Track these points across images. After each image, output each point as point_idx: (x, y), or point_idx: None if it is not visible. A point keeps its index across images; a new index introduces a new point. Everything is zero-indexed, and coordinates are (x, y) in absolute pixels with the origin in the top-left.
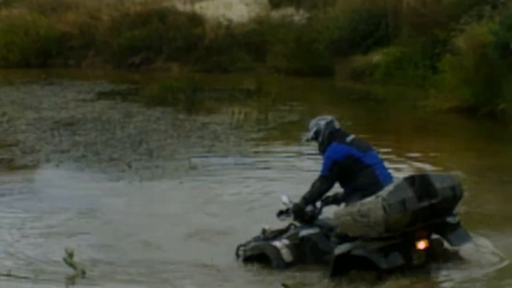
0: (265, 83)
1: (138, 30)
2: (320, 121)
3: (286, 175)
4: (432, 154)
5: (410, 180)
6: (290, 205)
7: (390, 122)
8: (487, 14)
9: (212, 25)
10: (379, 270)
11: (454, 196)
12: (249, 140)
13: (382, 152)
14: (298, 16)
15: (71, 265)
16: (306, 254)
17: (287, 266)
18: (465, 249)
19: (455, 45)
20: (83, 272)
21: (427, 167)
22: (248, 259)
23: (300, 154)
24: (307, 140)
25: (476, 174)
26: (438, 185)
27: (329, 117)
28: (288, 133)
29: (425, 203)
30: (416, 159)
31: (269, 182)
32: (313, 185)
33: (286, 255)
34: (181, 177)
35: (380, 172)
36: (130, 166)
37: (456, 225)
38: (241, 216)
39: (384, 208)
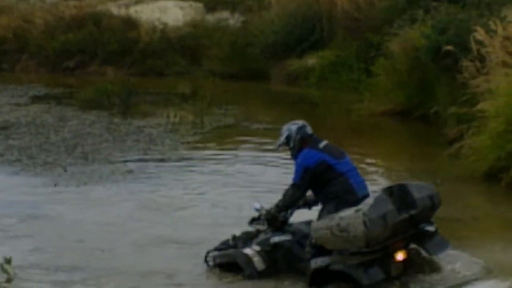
0: (201, 86)
1: (73, 33)
2: (292, 126)
3: (222, 178)
4: (366, 157)
5: (389, 191)
6: (263, 212)
7: (324, 125)
8: (420, 18)
9: (147, 29)
10: (359, 285)
11: (433, 206)
12: (184, 143)
13: None
14: (233, 20)
15: (5, 271)
16: (278, 261)
17: (259, 274)
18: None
19: (388, 49)
20: (8, 280)
21: (362, 170)
22: (218, 266)
23: (236, 156)
24: (279, 146)
25: (409, 176)
26: (416, 195)
27: (300, 122)
28: (224, 136)
29: (405, 215)
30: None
31: (206, 185)
32: (286, 194)
33: (258, 263)
34: (118, 181)
35: (354, 180)
36: (65, 170)
37: (434, 233)
38: (183, 220)
39: (364, 223)
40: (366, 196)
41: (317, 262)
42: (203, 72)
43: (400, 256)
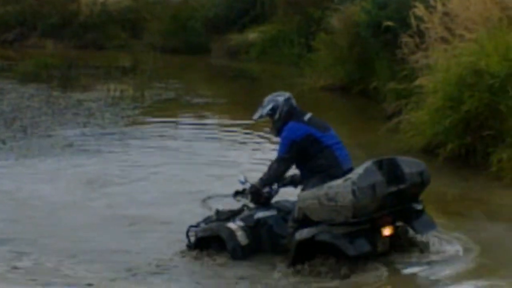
0: (141, 60)
1: (12, 6)
2: (278, 97)
3: (163, 152)
4: None
5: (378, 163)
6: (247, 186)
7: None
8: None
9: (87, 2)
10: (344, 256)
11: (422, 182)
12: (125, 117)
13: (257, 129)
14: None
15: None
16: (262, 237)
17: (242, 249)
18: None
19: (329, 24)
20: None
21: None
22: (200, 241)
23: (176, 130)
24: (261, 117)
25: (348, 150)
26: (406, 169)
27: (287, 94)
28: (164, 110)
29: (393, 188)
30: None
31: (147, 159)
32: (270, 167)
33: (241, 237)
34: (57, 154)
35: (340, 153)
36: (4, 143)
37: (421, 212)
38: (126, 195)
39: (353, 192)
40: (350, 169)
41: (302, 234)
42: (143, 46)
43: (387, 231)
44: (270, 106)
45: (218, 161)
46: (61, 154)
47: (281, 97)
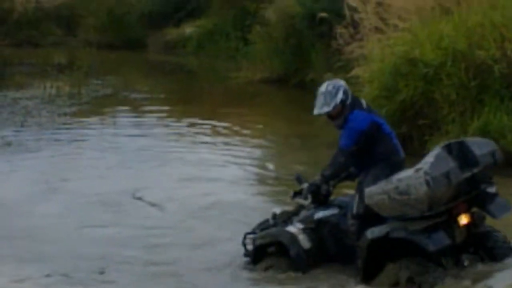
0: (77, 57)
1: None
2: (340, 83)
3: (101, 149)
4: (244, 124)
5: (447, 148)
6: (304, 185)
7: (203, 94)
8: None
9: None
10: (425, 254)
11: (495, 163)
12: (62, 114)
13: (196, 123)
14: None
15: None
16: (325, 239)
17: (306, 253)
18: None
19: (264, 16)
20: None
21: (241, 136)
22: (258, 249)
23: (115, 125)
24: (334, 107)
25: (284, 142)
26: (477, 151)
27: (340, 80)
28: (102, 106)
29: (467, 173)
30: (229, 129)
31: (86, 157)
32: (335, 161)
33: (304, 241)
34: None
35: (396, 141)
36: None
37: (495, 195)
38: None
39: (427, 183)
40: (404, 159)
41: (374, 232)
42: (79, 42)
43: (463, 220)
44: (340, 93)
45: (159, 156)
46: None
47: (341, 81)
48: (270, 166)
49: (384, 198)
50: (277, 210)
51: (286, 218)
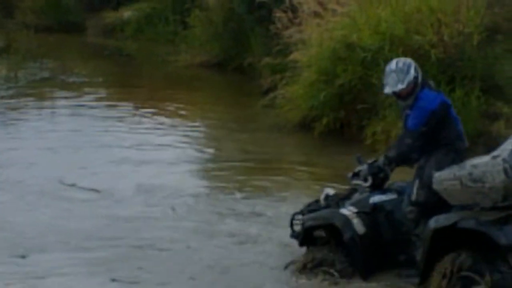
0: (14, 40)
1: None
2: (408, 59)
3: (39, 134)
4: (183, 107)
5: None
6: (364, 167)
7: (142, 77)
8: None
9: None
10: (497, 247)
11: None
12: None
13: (134, 106)
14: None
15: None
16: (380, 225)
17: (361, 239)
18: None
19: (204, 0)
20: None
21: (179, 120)
22: (307, 231)
23: (53, 109)
24: (408, 85)
25: (223, 125)
26: None
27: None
28: (40, 90)
29: None
30: (168, 112)
31: (23, 142)
32: (401, 143)
33: (358, 225)
34: None
35: (461, 127)
36: None
37: None
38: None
39: (505, 171)
40: (466, 147)
41: (439, 221)
42: (16, 25)
43: None
44: (412, 70)
45: (96, 139)
46: None
47: (409, 59)
48: (208, 149)
49: (455, 184)
50: (330, 191)
51: (338, 200)
